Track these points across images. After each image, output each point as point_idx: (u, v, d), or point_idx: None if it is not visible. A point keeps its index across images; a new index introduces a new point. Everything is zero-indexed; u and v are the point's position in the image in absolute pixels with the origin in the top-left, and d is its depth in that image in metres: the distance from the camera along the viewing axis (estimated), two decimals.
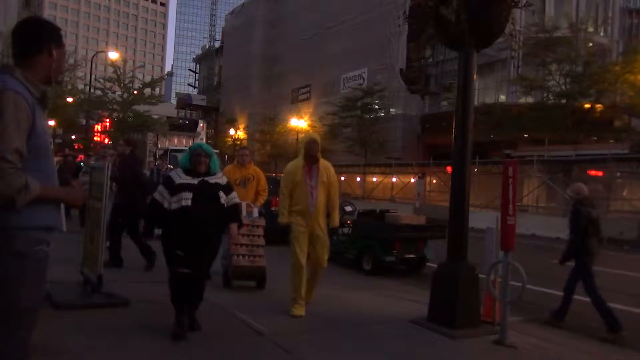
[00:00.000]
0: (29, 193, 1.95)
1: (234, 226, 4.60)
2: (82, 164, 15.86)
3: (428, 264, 8.91)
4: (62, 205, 2.30)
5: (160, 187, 4.37)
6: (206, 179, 4.37)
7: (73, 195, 2.20)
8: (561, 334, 5.38)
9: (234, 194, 4.56)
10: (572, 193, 6.20)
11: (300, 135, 39.68)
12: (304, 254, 5.43)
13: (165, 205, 4.25)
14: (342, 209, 8.83)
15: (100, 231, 5.19)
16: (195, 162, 4.38)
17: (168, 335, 4.24)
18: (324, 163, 5.58)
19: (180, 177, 4.33)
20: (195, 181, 4.31)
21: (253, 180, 6.97)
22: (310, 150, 5.50)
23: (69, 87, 38.97)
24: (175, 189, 4.28)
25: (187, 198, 4.21)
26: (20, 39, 2.20)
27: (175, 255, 4.25)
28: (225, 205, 4.43)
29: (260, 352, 4.24)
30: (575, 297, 5.94)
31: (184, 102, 68.77)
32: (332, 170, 5.65)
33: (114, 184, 7.17)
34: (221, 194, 4.39)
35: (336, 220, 5.70)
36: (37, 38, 2.20)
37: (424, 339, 4.87)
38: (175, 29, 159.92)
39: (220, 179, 4.49)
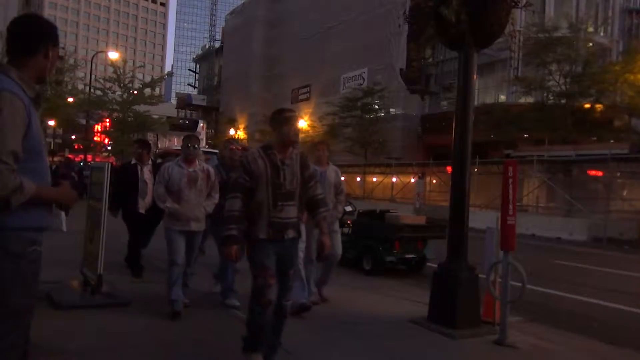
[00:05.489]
0: (23, 194, 1.94)
1: None
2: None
3: (428, 264, 8.91)
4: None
5: None
6: None
7: (65, 195, 2.19)
8: (561, 334, 5.37)
9: None
10: None
11: (301, 136, 39.59)
12: None
13: None
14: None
15: (100, 231, 5.19)
16: None
17: (168, 335, 4.23)
18: None
19: None
20: None
21: None
22: None
23: (69, 87, 38.93)
24: None
25: None
26: (16, 37, 2.15)
27: None
28: None
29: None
30: (576, 297, 5.94)
31: (184, 102, 68.85)
32: None
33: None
34: None
35: None
36: (34, 39, 2.15)
37: (424, 338, 4.87)
38: (175, 29, 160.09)
39: None
